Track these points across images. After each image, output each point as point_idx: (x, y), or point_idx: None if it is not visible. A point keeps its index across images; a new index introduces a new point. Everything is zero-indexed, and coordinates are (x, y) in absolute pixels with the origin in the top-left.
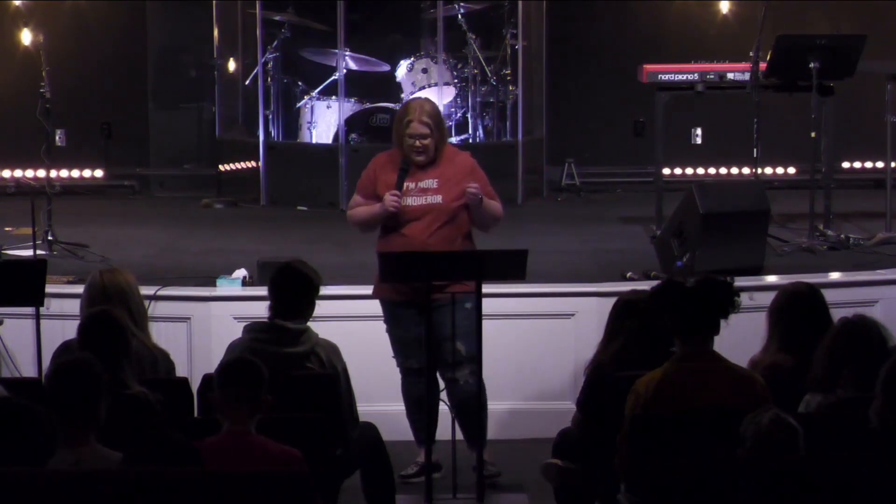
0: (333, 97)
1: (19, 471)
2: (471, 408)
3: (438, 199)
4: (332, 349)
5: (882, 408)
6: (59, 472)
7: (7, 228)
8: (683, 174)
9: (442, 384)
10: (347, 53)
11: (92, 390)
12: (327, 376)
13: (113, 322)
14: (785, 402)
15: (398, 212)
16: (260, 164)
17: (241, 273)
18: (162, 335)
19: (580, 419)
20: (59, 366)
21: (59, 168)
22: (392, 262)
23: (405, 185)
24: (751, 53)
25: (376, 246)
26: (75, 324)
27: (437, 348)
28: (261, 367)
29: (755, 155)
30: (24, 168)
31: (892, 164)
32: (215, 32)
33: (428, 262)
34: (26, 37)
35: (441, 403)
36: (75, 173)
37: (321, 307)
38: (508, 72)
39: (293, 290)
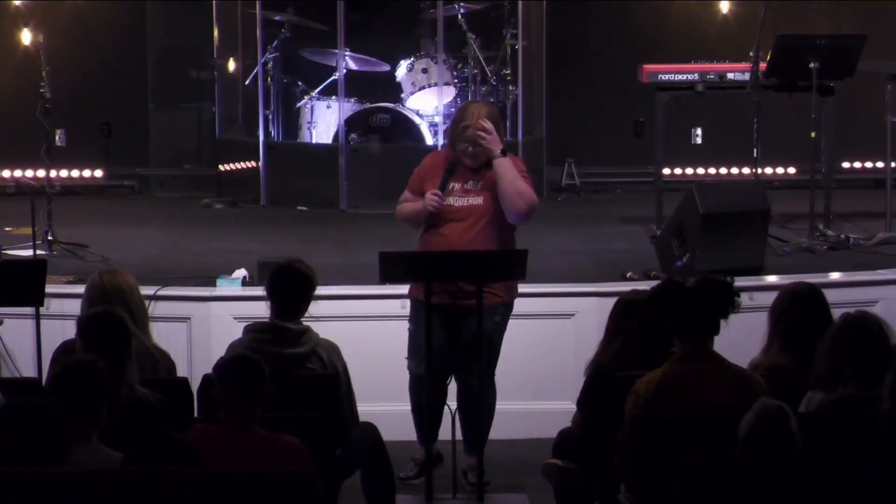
0: (333, 97)
1: (20, 471)
2: (476, 415)
3: (479, 201)
4: (333, 349)
5: (891, 411)
6: (59, 471)
7: (7, 228)
8: (683, 174)
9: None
10: (347, 53)
11: (95, 391)
12: (327, 376)
13: (115, 321)
14: (786, 400)
15: (438, 211)
16: (260, 164)
17: (241, 273)
18: (162, 335)
19: (580, 419)
20: (62, 366)
21: (59, 168)
22: (392, 262)
23: (451, 184)
24: (751, 53)
25: (417, 244)
26: (77, 323)
27: (459, 352)
28: (260, 363)
29: (755, 155)
30: (24, 168)
31: (892, 164)
32: (215, 32)
33: (428, 262)
34: (26, 37)
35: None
36: (75, 173)
37: (321, 307)
38: (508, 72)
39: (294, 291)
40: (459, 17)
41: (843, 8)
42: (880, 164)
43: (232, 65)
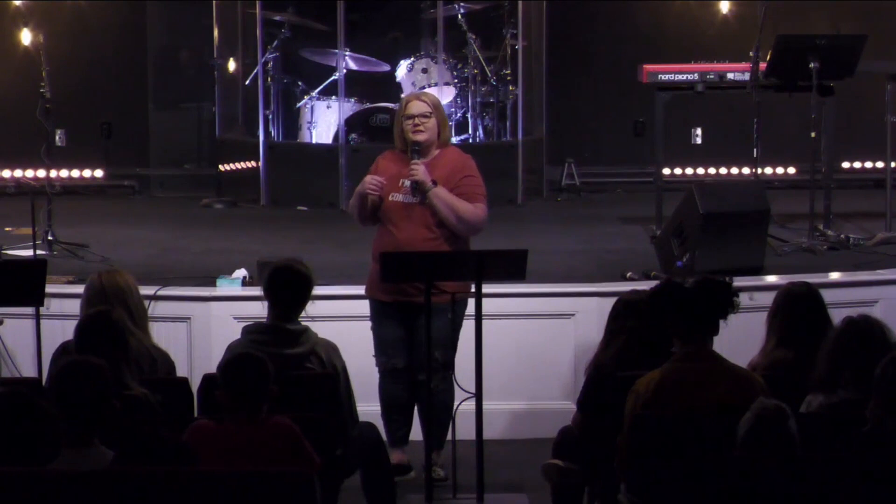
0: (333, 97)
1: (20, 471)
2: (436, 412)
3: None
4: (332, 348)
5: (876, 407)
6: (58, 472)
7: (7, 228)
8: (683, 174)
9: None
10: (347, 53)
11: (98, 392)
12: (327, 376)
13: (110, 323)
14: (786, 399)
15: (378, 194)
16: (260, 164)
17: (241, 273)
18: (162, 335)
19: (580, 419)
20: (64, 367)
21: (59, 168)
22: (392, 261)
23: (400, 181)
24: (751, 53)
25: (373, 243)
26: (75, 324)
27: (417, 351)
28: (265, 361)
29: (755, 155)
30: (24, 168)
31: (892, 164)
32: (215, 32)
33: (428, 262)
34: (26, 37)
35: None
36: (75, 173)
37: (321, 307)
38: (508, 72)
39: (292, 291)
40: (459, 17)
41: (843, 8)
42: (880, 164)
43: (232, 65)
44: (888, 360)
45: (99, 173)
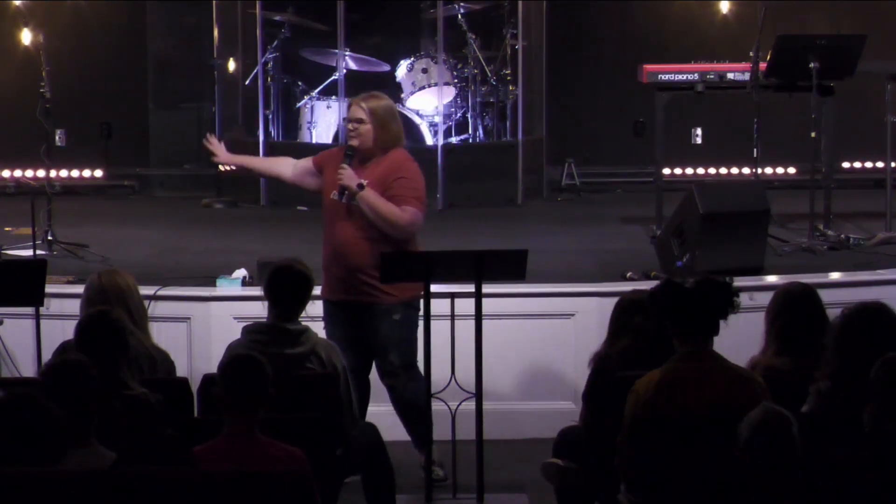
0: (333, 97)
1: (20, 471)
2: (411, 413)
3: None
4: (332, 348)
5: (874, 410)
6: (58, 472)
7: (7, 228)
8: (683, 174)
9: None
10: (347, 53)
11: (85, 390)
12: (327, 376)
13: (111, 323)
14: (785, 404)
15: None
16: None
17: (241, 273)
18: (162, 335)
19: (586, 413)
20: (49, 368)
21: (59, 168)
22: (392, 262)
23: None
24: (751, 53)
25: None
26: (75, 324)
27: (373, 355)
28: (264, 363)
29: (755, 155)
30: (24, 168)
31: (892, 164)
32: (215, 32)
33: (428, 262)
34: (26, 37)
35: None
36: (75, 173)
37: (321, 307)
38: (508, 72)
39: (292, 291)
40: (459, 17)
41: (843, 8)
42: (880, 164)
43: (232, 65)
44: (882, 363)
45: (99, 173)
